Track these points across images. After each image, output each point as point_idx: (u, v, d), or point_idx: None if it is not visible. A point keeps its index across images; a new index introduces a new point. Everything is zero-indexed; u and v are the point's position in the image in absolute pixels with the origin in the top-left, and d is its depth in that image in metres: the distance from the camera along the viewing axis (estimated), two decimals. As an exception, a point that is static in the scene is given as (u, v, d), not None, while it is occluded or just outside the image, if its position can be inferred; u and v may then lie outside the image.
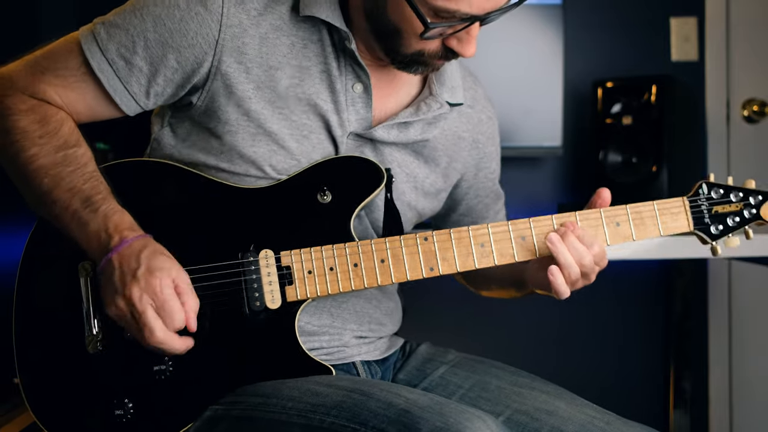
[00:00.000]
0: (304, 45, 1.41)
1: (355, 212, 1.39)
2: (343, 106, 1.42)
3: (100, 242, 1.29)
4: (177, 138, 1.44)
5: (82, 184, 1.32)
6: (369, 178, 1.40)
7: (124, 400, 1.34)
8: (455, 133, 1.55)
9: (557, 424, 1.35)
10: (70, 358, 1.36)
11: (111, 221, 1.29)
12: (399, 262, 1.37)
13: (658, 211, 1.41)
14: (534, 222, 1.38)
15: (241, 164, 1.39)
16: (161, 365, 1.35)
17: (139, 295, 1.25)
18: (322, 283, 1.36)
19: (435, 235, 1.37)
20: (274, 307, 1.36)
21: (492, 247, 1.37)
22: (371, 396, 1.25)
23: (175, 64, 1.37)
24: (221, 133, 1.39)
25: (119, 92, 1.38)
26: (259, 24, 1.38)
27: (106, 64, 1.36)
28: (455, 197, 1.64)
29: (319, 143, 1.42)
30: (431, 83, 1.49)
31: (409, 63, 1.38)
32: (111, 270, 1.27)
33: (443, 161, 1.54)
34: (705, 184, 1.43)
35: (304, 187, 1.39)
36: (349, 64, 1.42)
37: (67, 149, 1.34)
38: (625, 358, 3.00)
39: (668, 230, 1.41)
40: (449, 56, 1.37)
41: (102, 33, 1.37)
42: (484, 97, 1.62)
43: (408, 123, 1.46)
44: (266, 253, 1.36)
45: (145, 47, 1.36)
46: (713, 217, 1.42)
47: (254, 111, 1.38)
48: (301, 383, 1.32)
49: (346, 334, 1.46)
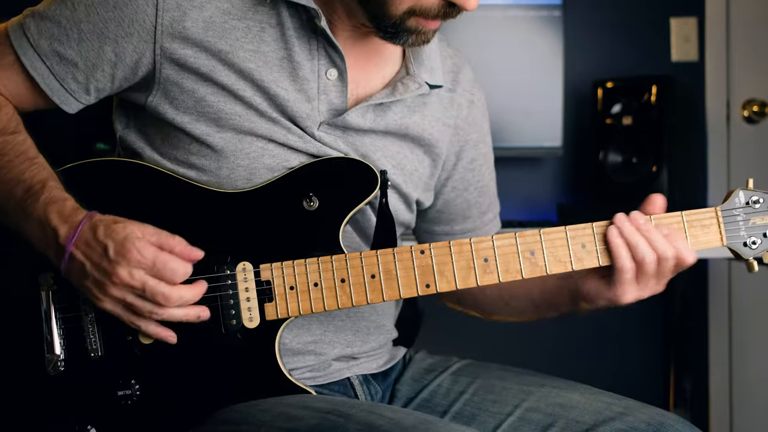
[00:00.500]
0: (262, 29, 1.28)
1: (344, 221, 1.25)
2: (312, 93, 1.28)
3: (47, 236, 1.17)
4: (145, 137, 1.32)
5: (22, 173, 1.21)
6: (361, 182, 1.26)
7: (87, 426, 1.23)
8: (438, 119, 1.40)
9: (573, 415, 1.28)
10: (28, 381, 1.24)
11: (52, 211, 1.17)
12: (391, 278, 1.23)
13: (687, 223, 1.25)
14: (545, 234, 1.24)
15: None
16: (127, 389, 1.23)
17: (127, 273, 1.13)
18: (305, 300, 1.22)
19: (432, 247, 1.23)
20: (252, 327, 1.22)
21: (496, 261, 1.24)
22: (350, 417, 1.12)
23: (113, 57, 1.25)
24: (183, 124, 1.26)
25: (56, 91, 1.27)
26: (203, 7, 1.26)
27: (39, 61, 1.26)
28: (434, 189, 1.47)
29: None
30: (408, 62, 1.35)
31: (397, 29, 1.22)
32: (80, 264, 1.15)
33: (430, 146, 1.40)
34: (742, 192, 1.26)
35: (287, 192, 1.26)
36: (322, 47, 1.29)
37: (6, 135, 1.23)
38: (625, 358, 3.00)
39: (698, 245, 1.25)
40: (447, 12, 1.22)
41: (32, 27, 1.26)
42: (468, 81, 1.45)
43: (385, 105, 1.32)
44: (244, 266, 1.23)
45: (80, 40, 1.25)
46: (750, 229, 1.26)
47: (207, 102, 1.26)
48: (272, 405, 1.20)
49: (337, 346, 1.33)
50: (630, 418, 1.25)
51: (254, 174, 1.26)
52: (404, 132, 1.35)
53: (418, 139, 1.37)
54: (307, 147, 1.28)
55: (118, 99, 1.35)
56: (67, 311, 1.24)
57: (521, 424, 1.30)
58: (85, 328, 1.24)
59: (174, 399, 1.24)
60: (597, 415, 1.27)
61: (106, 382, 1.23)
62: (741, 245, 1.26)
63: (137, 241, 1.14)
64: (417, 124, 1.36)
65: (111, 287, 1.15)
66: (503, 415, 1.32)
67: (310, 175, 1.26)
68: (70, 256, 1.16)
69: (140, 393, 1.23)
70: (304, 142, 1.28)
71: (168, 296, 1.15)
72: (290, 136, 1.27)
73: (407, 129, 1.35)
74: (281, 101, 1.27)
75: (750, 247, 1.26)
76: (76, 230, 1.16)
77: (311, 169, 1.27)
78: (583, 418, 1.27)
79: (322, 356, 1.32)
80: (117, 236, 1.14)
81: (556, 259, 1.24)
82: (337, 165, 1.27)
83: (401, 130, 1.35)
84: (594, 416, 1.27)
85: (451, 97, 1.42)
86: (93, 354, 1.23)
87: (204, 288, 1.19)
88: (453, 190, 1.47)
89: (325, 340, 1.32)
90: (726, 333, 3.00)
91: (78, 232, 1.16)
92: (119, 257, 1.14)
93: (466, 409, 1.35)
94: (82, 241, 1.16)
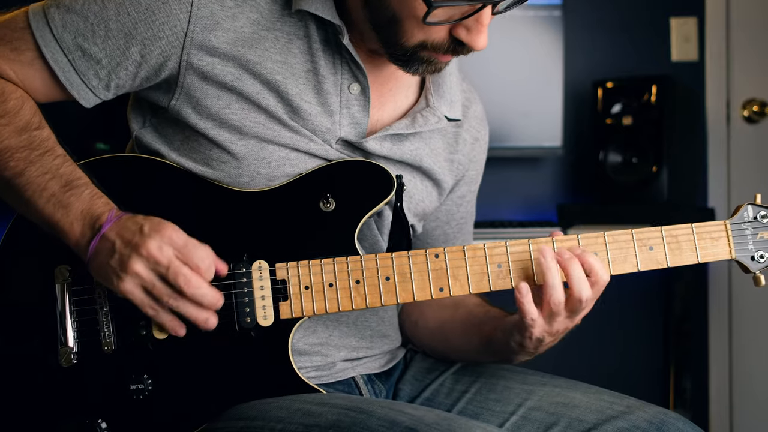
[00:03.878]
0: (290, 41, 1.28)
1: (360, 223, 1.26)
2: (334, 108, 1.29)
3: (85, 224, 1.18)
4: (163, 137, 1.31)
5: (57, 168, 1.21)
6: (377, 185, 1.27)
7: (98, 420, 1.24)
8: (440, 153, 1.40)
9: (576, 414, 1.28)
10: (41, 373, 1.25)
11: (97, 203, 1.19)
12: (406, 281, 1.24)
13: (697, 235, 1.26)
14: (558, 242, 1.25)
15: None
16: (139, 384, 1.23)
17: (157, 245, 1.14)
18: (320, 300, 1.23)
19: (447, 252, 1.24)
20: (266, 325, 1.23)
21: (509, 267, 1.25)
22: (371, 414, 1.13)
23: (139, 58, 1.24)
24: (205, 130, 1.27)
25: (76, 85, 1.26)
26: (236, 17, 1.25)
27: (62, 54, 1.24)
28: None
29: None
30: (428, 94, 1.36)
31: (409, 58, 1.23)
32: (110, 244, 1.16)
33: (438, 180, 1.41)
34: (750, 207, 1.29)
35: (305, 192, 1.26)
36: (345, 62, 1.29)
37: (32, 131, 1.23)
38: (626, 358, 3.00)
39: (707, 257, 1.27)
40: (457, 50, 1.23)
41: (56, 18, 1.24)
42: (476, 116, 1.46)
43: (402, 136, 1.33)
44: (260, 264, 1.24)
45: (106, 37, 1.23)
46: (758, 243, 1.28)
47: (231, 110, 1.27)
48: (289, 402, 1.20)
49: (343, 350, 1.34)
50: (632, 416, 1.26)
51: (274, 182, 1.27)
52: (418, 164, 1.36)
53: (429, 172, 1.38)
54: (328, 155, 1.29)
55: (134, 97, 1.35)
56: (81, 304, 1.25)
57: (524, 423, 1.31)
58: (99, 321, 1.24)
59: (185, 395, 1.25)
60: (599, 413, 1.27)
61: (118, 376, 1.24)
62: (749, 259, 1.28)
63: (172, 227, 1.16)
64: (429, 157, 1.37)
65: (136, 261, 1.15)
66: (506, 414, 1.33)
67: (328, 177, 1.27)
68: (102, 236, 1.17)
69: (152, 388, 1.24)
70: (326, 150, 1.29)
71: (188, 280, 1.15)
72: (312, 144, 1.28)
73: (421, 161, 1.36)
74: (304, 114, 1.27)
75: (758, 261, 1.28)
76: (116, 217, 1.18)
77: (329, 171, 1.28)
78: (586, 417, 1.28)
79: (328, 357, 1.33)
80: (154, 219, 1.17)
81: None
82: (355, 168, 1.28)
83: (416, 161, 1.36)
84: (596, 415, 1.27)
85: (456, 132, 1.42)
86: (106, 347, 1.24)
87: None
88: (435, 220, 1.48)
89: (331, 343, 1.33)
90: (726, 333, 3.01)
91: (117, 218, 1.18)
92: (153, 232, 1.15)
93: (469, 407, 1.36)
94: (119, 224, 1.17)
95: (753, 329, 2.99)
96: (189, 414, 1.25)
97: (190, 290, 1.16)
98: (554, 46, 2.72)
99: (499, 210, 2.86)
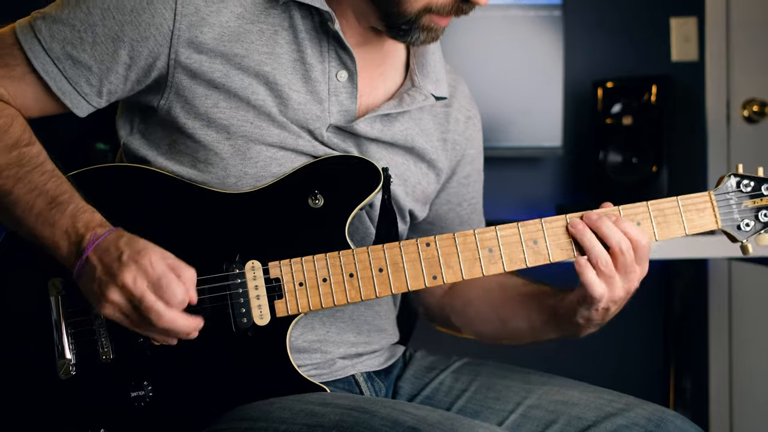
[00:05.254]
0: (275, 32, 1.29)
1: (350, 217, 1.27)
2: (323, 95, 1.30)
3: (70, 242, 1.18)
4: (151, 143, 1.32)
5: (44, 183, 1.20)
6: (364, 179, 1.28)
7: (100, 430, 1.24)
8: (432, 134, 1.42)
9: (575, 412, 1.29)
10: (40, 386, 1.24)
11: (80, 220, 1.18)
12: (399, 271, 1.25)
13: (683, 207, 1.28)
14: (546, 223, 1.26)
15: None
16: (139, 391, 1.24)
17: (132, 278, 1.13)
18: (314, 295, 1.24)
19: (438, 240, 1.25)
20: (263, 324, 1.24)
21: (500, 251, 1.26)
22: (374, 414, 1.13)
23: (128, 60, 1.25)
24: (193, 130, 1.27)
25: (68, 94, 1.26)
26: (220, 12, 1.26)
27: (52, 64, 1.24)
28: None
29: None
30: (413, 75, 1.37)
31: (411, 26, 1.24)
32: (92, 268, 1.16)
33: (432, 161, 1.41)
34: (733, 177, 1.30)
35: (293, 190, 1.27)
36: (333, 49, 1.30)
37: (21, 147, 1.22)
38: (625, 357, 3.00)
39: (694, 228, 1.28)
40: (462, 8, 1.23)
41: (44, 30, 1.24)
42: (464, 96, 1.48)
43: (392, 116, 1.34)
44: (253, 264, 1.24)
45: (94, 43, 1.24)
46: (743, 212, 1.29)
47: (219, 108, 1.27)
48: (291, 403, 1.20)
49: (342, 346, 1.35)
50: (631, 414, 1.27)
51: (261, 182, 1.28)
52: (410, 145, 1.37)
53: (421, 153, 1.39)
54: (316, 151, 1.30)
55: (122, 105, 1.36)
56: (76, 315, 1.25)
57: (524, 421, 1.31)
58: (95, 331, 1.24)
59: (186, 399, 1.25)
60: (598, 411, 1.28)
61: (118, 384, 1.24)
62: (735, 228, 1.30)
63: (153, 254, 1.15)
64: (420, 137, 1.38)
65: (113, 291, 1.14)
66: (506, 412, 1.33)
67: (315, 174, 1.28)
68: (86, 259, 1.16)
69: (153, 394, 1.24)
70: (313, 146, 1.30)
71: (161, 316, 1.14)
72: (300, 140, 1.29)
73: (413, 142, 1.37)
74: (293, 104, 1.28)
75: (743, 229, 1.30)
76: (100, 238, 1.17)
77: (316, 167, 1.29)
78: (585, 415, 1.28)
79: (327, 354, 1.33)
80: (136, 246, 1.16)
81: (558, 246, 1.27)
82: (341, 163, 1.29)
83: (407, 142, 1.37)
84: (596, 412, 1.28)
85: (446, 112, 1.44)
86: (104, 357, 1.24)
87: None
88: (446, 204, 1.49)
89: (329, 339, 1.33)
90: (726, 333, 3.01)
91: (101, 239, 1.17)
92: (130, 261, 1.14)
93: (469, 406, 1.37)
94: (102, 247, 1.16)
95: (753, 329, 2.99)
96: (191, 418, 1.25)
97: (162, 325, 1.15)
98: (554, 46, 2.72)
99: (498, 210, 2.86)
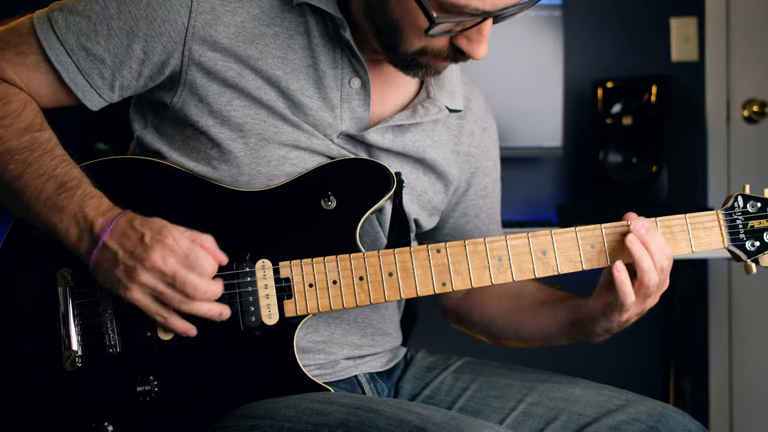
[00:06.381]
0: (290, 36, 1.29)
1: (361, 220, 1.27)
2: (335, 102, 1.30)
3: (80, 229, 1.18)
4: (164, 138, 1.32)
5: (54, 169, 1.21)
6: (377, 182, 1.29)
7: (104, 423, 1.24)
8: (445, 146, 1.42)
9: (576, 409, 1.30)
10: (45, 377, 1.24)
11: (89, 205, 1.19)
12: (408, 276, 1.25)
13: (690, 225, 1.29)
14: (557, 235, 1.27)
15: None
16: (145, 385, 1.24)
17: (161, 257, 1.15)
18: (324, 297, 1.25)
19: (448, 247, 1.26)
20: (271, 323, 1.24)
21: (510, 261, 1.26)
22: (380, 413, 1.13)
23: (142, 55, 1.25)
24: (207, 127, 1.27)
25: (81, 86, 1.27)
26: (236, 12, 1.27)
27: (66, 55, 1.25)
28: (442, 213, 1.49)
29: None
30: (429, 86, 1.37)
31: (409, 64, 1.25)
32: (112, 254, 1.16)
33: (442, 173, 1.42)
34: (740, 197, 1.32)
35: (306, 191, 1.28)
36: (346, 57, 1.30)
37: (33, 132, 1.23)
38: (626, 357, 3.00)
39: (700, 246, 1.30)
40: (457, 57, 1.24)
41: (60, 21, 1.25)
42: (480, 107, 1.48)
43: (404, 127, 1.34)
44: (263, 263, 1.25)
45: (109, 36, 1.25)
46: (749, 232, 1.31)
47: (233, 106, 1.27)
48: (297, 401, 1.21)
49: (346, 347, 1.35)
50: (631, 409, 1.28)
51: (274, 181, 1.28)
52: (421, 156, 1.37)
53: (432, 165, 1.39)
54: (330, 151, 1.30)
55: (137, 98, 1.36)
56: (84, 307, 1.25)
57: (525, 419, 1.32)
58: (103, 324, 1.24)
59: (191, 395, 1.25)
60: (599, 407, 1.29)
61: (124, 378, 1.24)
62: (740, 248, 1.31)
63: (174, 231, 1.16)
64: (431, 149, 1.38)
65: (142, 273, 1.15)
66: (507, 410, 1.34)
67: (329, 175, 1.29)
68: (102, 245, 1.17)
69: (158, 389, 1.24)
70: (327, 145, 1.30)
71: (197, 287, 1.16)
72: (314, 139, 1.29)
73: (423, 153, 1.37)
74: (305, 109, 1.28)
75: (749, 249, 1.31)
76: (112, 222, 1.17)
77: (329, 169, 1.29)
78: (586, 411, 1.29)
79: (331, 355, 1.34)
80: (154, 225, 1.17)
81: (567, 259, 1.28)
82: (355, 166, 1.30)
83: (418, 153, 1.37)
84: (596, 409, 1.29)
85: (460, 124, 1.44)
86: (111, 350, 1.24)
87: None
88: (463, 216, 1.49)
89: (334, 341, 1.34)
90: (726, 333, 3.01)
91: (114, 224, 1.17)
92: (155, 243, 1.15)
93: (470, 404, 1.37)
94: (118, 231, 1.17)
95: (753, 329, 3.00)
96: (196, 414, 1.25)
97: (200, 294, 1.17)
98: (554, 46, 2.72)
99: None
